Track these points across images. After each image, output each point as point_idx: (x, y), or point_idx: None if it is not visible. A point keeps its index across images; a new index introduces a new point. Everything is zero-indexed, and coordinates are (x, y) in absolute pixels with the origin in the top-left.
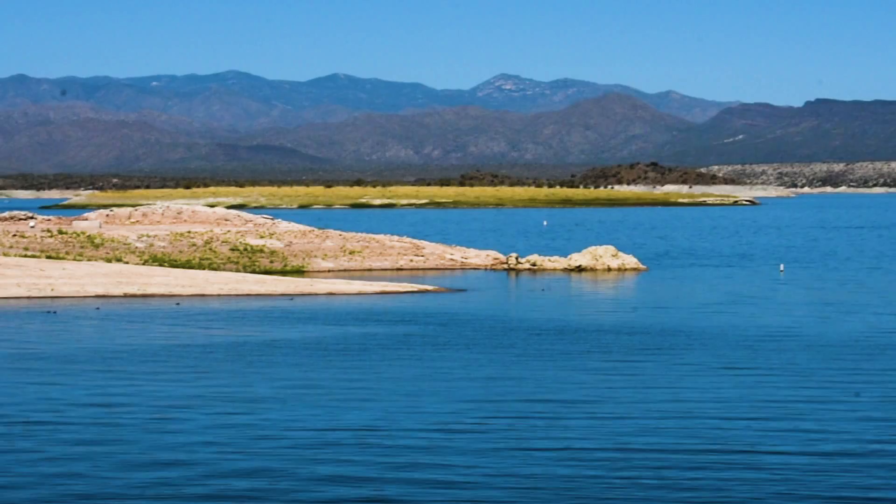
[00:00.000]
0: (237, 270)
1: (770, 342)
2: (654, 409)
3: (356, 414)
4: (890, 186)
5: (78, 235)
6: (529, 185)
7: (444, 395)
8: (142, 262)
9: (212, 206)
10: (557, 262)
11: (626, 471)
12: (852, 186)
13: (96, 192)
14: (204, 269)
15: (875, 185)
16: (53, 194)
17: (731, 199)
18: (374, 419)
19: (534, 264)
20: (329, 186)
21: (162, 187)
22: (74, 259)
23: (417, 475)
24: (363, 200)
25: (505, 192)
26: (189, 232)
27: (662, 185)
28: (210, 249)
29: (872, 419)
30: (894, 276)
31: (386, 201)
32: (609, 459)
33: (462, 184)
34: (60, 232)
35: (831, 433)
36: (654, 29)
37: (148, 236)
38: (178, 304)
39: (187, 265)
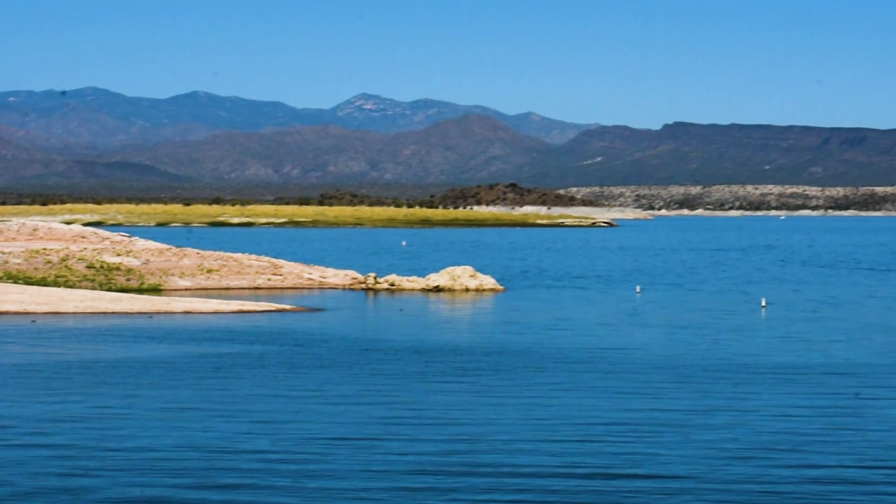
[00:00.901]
0: (93, 288)
1: (624, 363)
2: (507, 429)
3: (200, 434)
4: (746, 209)
5: None
6: (389, 204)
7: (296, 415)
8: None
9: (68, 223)
10: (416, 282)
11: (483, 493)
12: (709, 209)
13: None
14: (60, 286)
15: (731, 208)
16: None
17: (589, 221)
18: (218, 438)
19: (392, 284)
20: (188, 204)
21: (18, 204)
22: None
23: (236, 497)
24: (222, 219)
25: (364, 211)
26: (45, 249)
27: (521, 206)
28: (66, 267)
29: (725, 439)
30: (746, 298)
31: (245, 220)
32: (463, 474)
33: (321, 203)
34: None
35: (681, 456)
36: (515, 50)
37: (2, 253)
38: (33, 321)
39: (42, 282)
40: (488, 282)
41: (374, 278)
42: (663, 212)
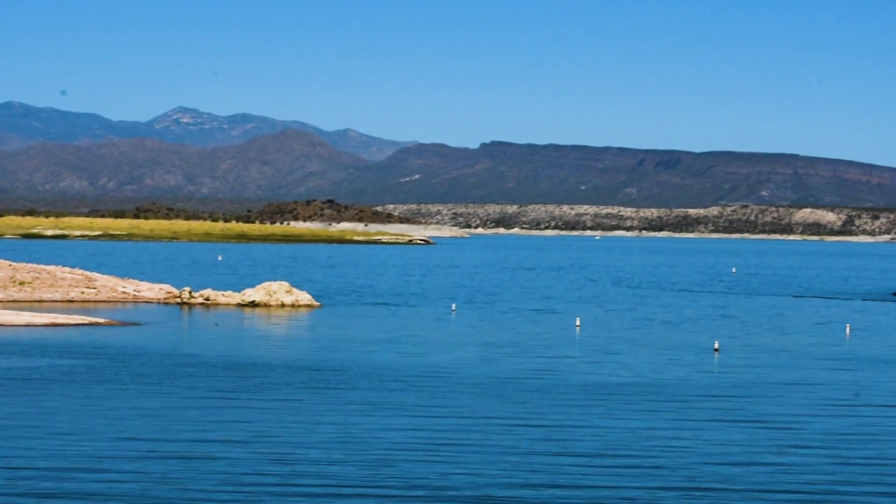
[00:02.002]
0: None
1: (436, 381)
2: (319, 446)
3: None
4: (561, 229)
5: None
6: (205, 219)
7: (100, 430)
8: None
9: None
10: (231, 296)
11: None
12: (525, 228)
13: None
14: None
15: (547, 228)
16: None
17: (406, 238)
18: (17, 455)
19: (207, 299)
20: (0, 216)
21: None
22: None
23: None
24: (35, 231)
25: (180, 225)
26: None
27: (339, 223)
28: None
29: (534, 452)
30: (559, 317)
31: (59, 232)
32: (271, 494)
33: (137, 216)
34: None
35: (492, 474)
36: (333, 66)
37: None
38: None
39: None
40: (304, 298)
41: (190, 292)
42: (480, 230)
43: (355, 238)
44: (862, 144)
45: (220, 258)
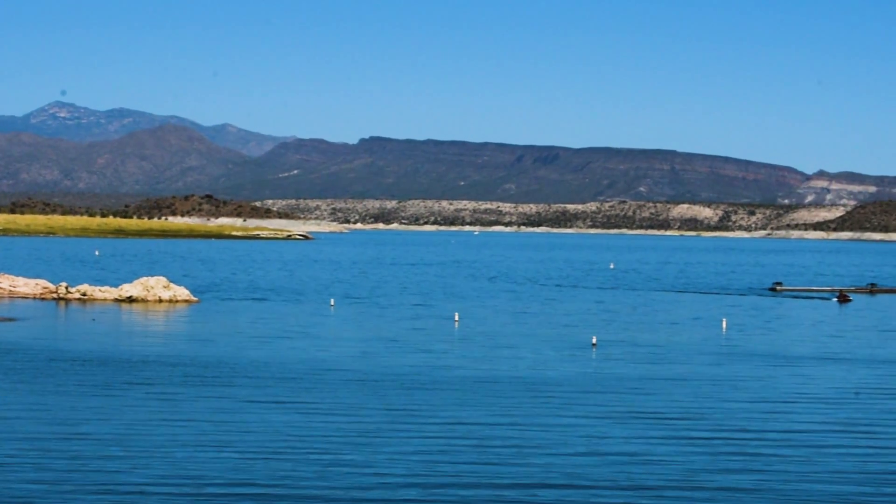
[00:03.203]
0: None
1: (314, 376)
2: (192, 441)
3: None
4: (440, 224)
5: None
6: (82, 214)
7: None
8: None
9: None
10: (108, 292)
11: None
12: (404, 223)
13: None
14: None
15: (426, 223)
16: None
17: (285, 234)
18: None
19: (84, 294)
20: None
21: None
22: None
23: None
24: None
25: (57, 220)
26: None
27: (217, 218)
28: None
29: (414, 449)
30: (438, 311)
31: None
32: (131, 493)
33: (13, 211)
34: None
35: (368, 470)
36: (211, 60)
37: None
38: None
39: None
40: (182, 293)
41: (66, 288)
42: (359, 225)
43: (234, 233)
44: (738, 141)
45: (97, 253)
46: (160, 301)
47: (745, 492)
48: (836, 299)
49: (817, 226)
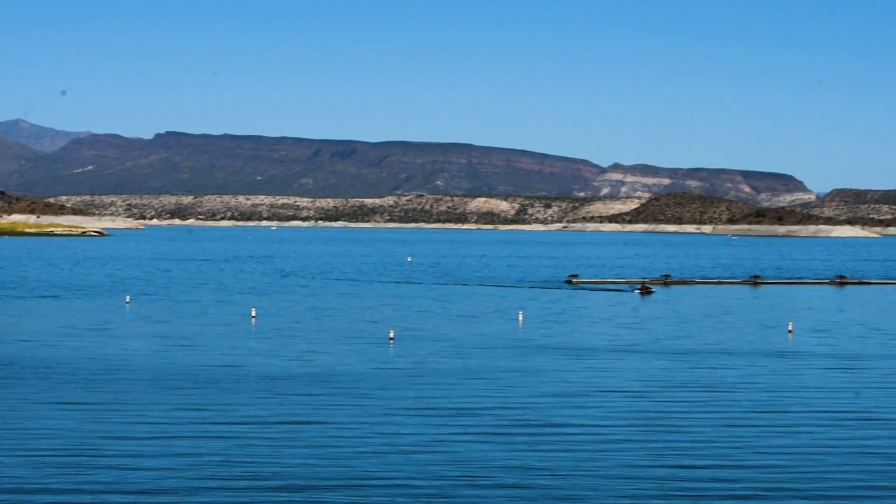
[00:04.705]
0: None
1: (108, 374)
2: None
3: None
4: (238, 220)
5: None
6: None
7: None
8: None
9: None
10: None
11: None
12: (201, 219)
13: None
14: None
15: (223, 219)
16: None
17: (80, 230)
18: None
19: None
20: None
21: None
22: None
23: None
24: None
25: None
26: None
27: (9, 215)
28: None
29: (208, 450)
30: (234, 308)
31: None
32: None
33: None
34: None
35: (163, 469)
36: (2, 54)
37: None
38: None
39: None
40: None
41: None
42: (155, 221)
43: (27, 230)
44: (534, 134)
45: None
46: None
47: (539, 489)
48: (637, 291)
49: (612, 218)
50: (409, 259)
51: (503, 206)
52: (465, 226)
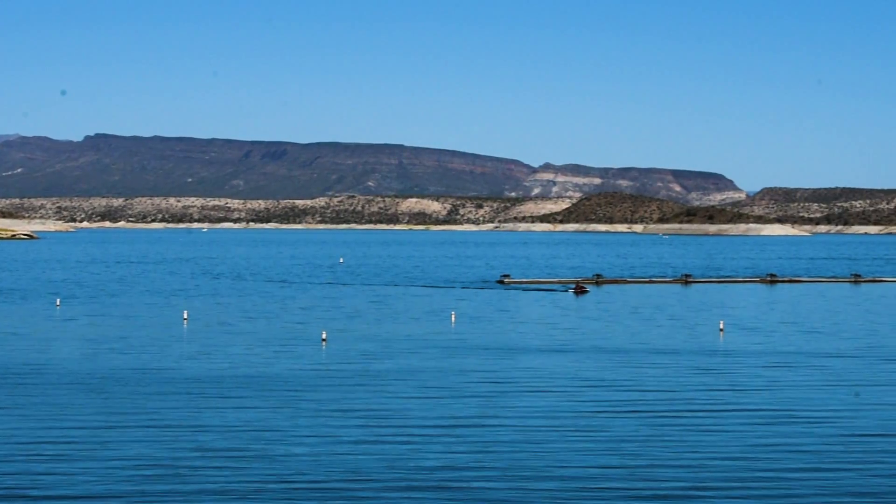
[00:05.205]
0: None
1: (35, 378)
2: None
3: None
4: (168, 222)
5: None
6: None
7: None
8: None
9: None
10: None
11: None
12: (131, 221)
13: None
14: None
15: (154, 221)
16: None
17: (9, 233)
18: None
19: None
20: None
21: None
22: None
23: None
24: None
25: None
26: None
27: None
28: None
29: (142, 456)
30: (166, 310)
31: None
32: None
33: None
34: None
35: (90, 473)
36: None
37: None
38: None
39: None
40: None
41: None
42: (85, 224)
43: None
44: (465, 135)
45: None
46: None
47: (466, 490)
48: (572, 291)
49: (544, 218)
50: (341, 260)
51: (435, 206)
52: (397, 226)
